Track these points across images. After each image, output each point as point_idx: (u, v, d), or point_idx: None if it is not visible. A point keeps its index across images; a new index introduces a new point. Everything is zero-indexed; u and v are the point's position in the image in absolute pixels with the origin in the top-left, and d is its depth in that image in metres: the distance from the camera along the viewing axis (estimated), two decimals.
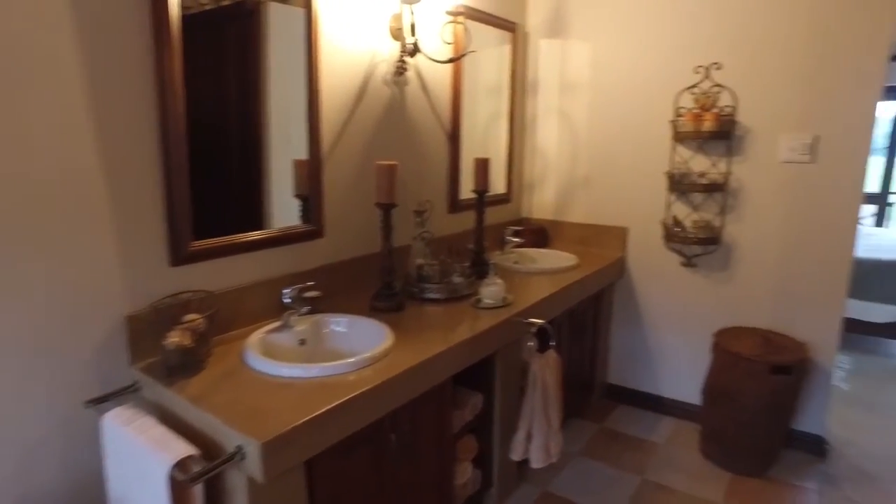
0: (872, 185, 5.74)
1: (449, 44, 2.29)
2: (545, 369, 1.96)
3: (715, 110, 2.40)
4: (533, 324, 1.97)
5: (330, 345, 1.73)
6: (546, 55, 2.88)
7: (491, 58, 2.73)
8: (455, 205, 2.55)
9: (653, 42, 2.58)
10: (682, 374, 2.77)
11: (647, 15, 2.57)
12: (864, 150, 2.24)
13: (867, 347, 3.77)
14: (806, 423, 2.48)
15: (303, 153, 1.86)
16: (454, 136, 2.48)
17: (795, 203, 2.39)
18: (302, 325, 1.71)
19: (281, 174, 1.83)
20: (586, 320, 2.69)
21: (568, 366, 2.36)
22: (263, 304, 1.74)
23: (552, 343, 1.97)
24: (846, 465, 2.46)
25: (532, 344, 1.96)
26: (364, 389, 1.33)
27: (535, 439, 1.98)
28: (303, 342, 1.69)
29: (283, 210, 1.85)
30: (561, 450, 2.04)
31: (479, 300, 1.99)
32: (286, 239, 1.82)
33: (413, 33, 2.09)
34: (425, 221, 2.19)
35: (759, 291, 2.53)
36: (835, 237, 2.34)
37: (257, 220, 1.77)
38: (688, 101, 2.48)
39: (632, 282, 2.84)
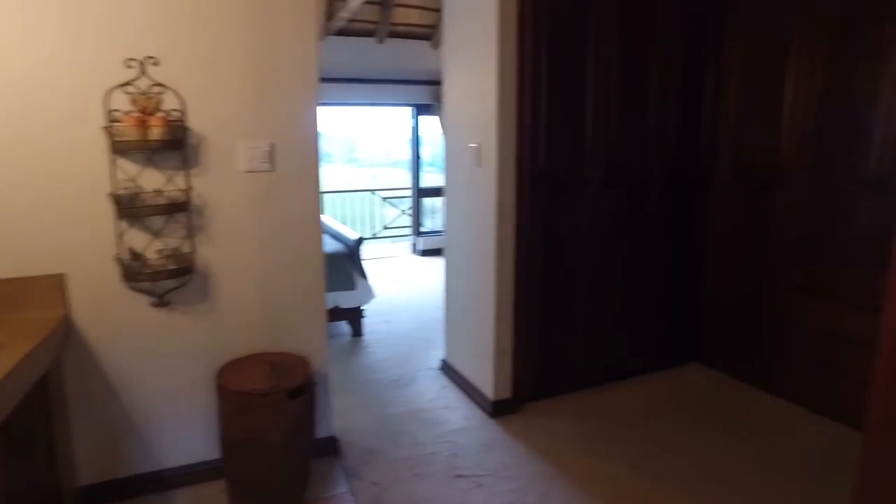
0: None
1: None
2: None
3: (161, 114, 1.96)
4: None
5: None
6: None
7: None
8: None
9: (62, 20, 1.87)
10: (186, 433, 2.28)
11: None
12: (315, 157, 2.31)
13: None
14: (320, 429, 2.45)
15: None
16: None
17: (264, 213, 2.26)
18: None
19: None
20: (32, 423, 1.83)
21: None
22: None
23: None
24: (356, 452, 2.58)
25: None
26: None
27: None
28: None
29: None
30: None
31: None
32: None
33: None
34: None
35: (249, 314, 2.31)
36: (304, 241, 2.35)
37: None
38: (124, 103, 1.94)
39: (87, 345, 2.10)
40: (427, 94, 6.91)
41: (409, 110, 7.11)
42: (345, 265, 4.22)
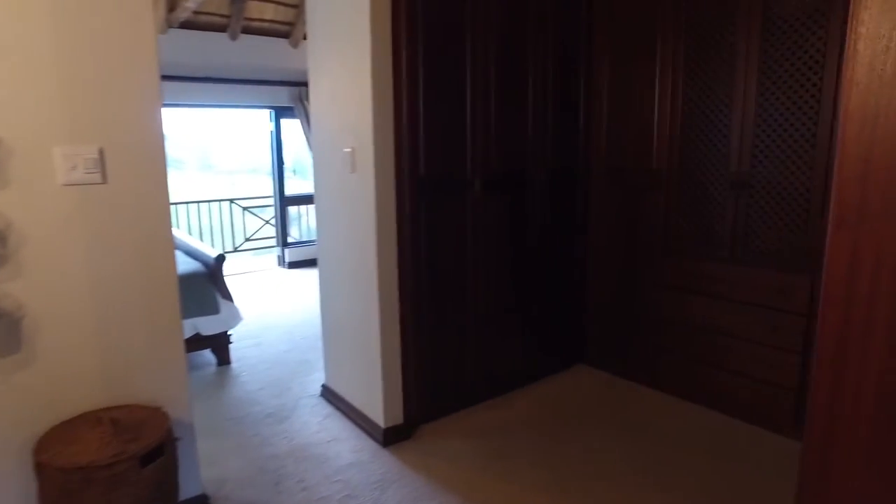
0: None
1: None
2: None
3: None
4: None
5: None
6: None
7: None
8: None
9: None
10: None
11: None
12: (161, 164, 1.91)
13: None
14: (185, 489, 2.05)
15: None
16: None
17: (96, 235, 1.83)
18: None
19: None
20: None
21: None
22: None
23: None
24: None
25: None
26: None
27: None
28: None
29: None
30: None
31: None
32: None
33: None
34: None
35: (81, 362, 1.85)
36: (152, 264, 1.95)
37: None
38: None
39: None
40: (287, 96, 6.46)
41: (267, 113, 6.59)
42: (204, 286, 3.73)
